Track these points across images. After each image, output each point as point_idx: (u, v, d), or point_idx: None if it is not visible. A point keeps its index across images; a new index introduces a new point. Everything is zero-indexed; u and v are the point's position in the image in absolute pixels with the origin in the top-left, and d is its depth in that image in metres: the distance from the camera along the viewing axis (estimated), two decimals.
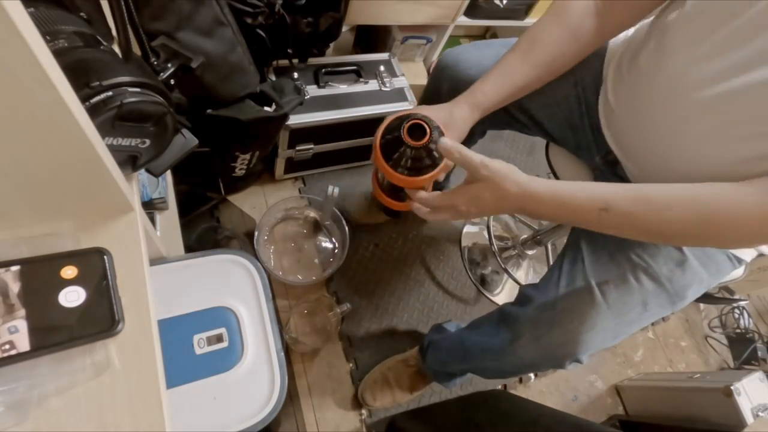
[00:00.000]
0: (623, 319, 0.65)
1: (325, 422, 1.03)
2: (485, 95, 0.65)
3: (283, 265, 1.15)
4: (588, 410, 1.28)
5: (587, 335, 0.64)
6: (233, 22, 0.77)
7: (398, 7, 1.16)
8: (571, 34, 0.64)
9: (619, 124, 0.68)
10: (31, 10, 0.35)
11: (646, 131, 0.64)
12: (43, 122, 0.26)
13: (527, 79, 0.66)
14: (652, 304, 0.65)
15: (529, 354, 0.69)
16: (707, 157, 0.57)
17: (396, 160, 0.58)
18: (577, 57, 0.68)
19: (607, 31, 0.66)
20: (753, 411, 1.05)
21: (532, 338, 0.68)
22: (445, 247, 1.34)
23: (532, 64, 0.65)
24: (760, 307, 1.73)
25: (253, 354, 0.62)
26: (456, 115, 0.64)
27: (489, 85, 0.65)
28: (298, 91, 0.97)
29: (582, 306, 0.65)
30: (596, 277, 0.66)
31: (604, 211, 0.53)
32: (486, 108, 0.66)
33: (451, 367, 0.95)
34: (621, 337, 0.67)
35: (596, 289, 0.64)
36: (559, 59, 0.66)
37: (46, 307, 0.33)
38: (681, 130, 0.58)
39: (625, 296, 0.64)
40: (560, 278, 0.69)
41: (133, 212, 0.40)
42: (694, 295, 0.67)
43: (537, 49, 0.65)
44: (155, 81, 0.37)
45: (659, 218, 0.52)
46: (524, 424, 0.84)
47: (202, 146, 0.48)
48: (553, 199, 0.54)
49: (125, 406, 0.34)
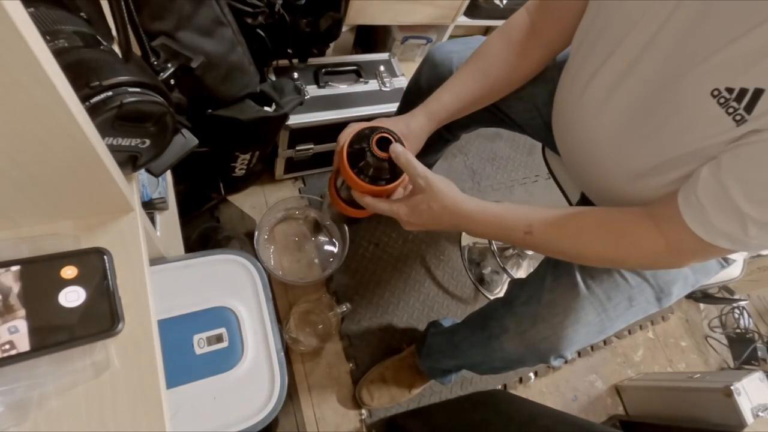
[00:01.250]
0: (608, 314, 0.66)
1: (325, 422, 1.03)
2: (440, 105, 0.68)
3: (283, 265, 1.15)
4: (588, 410, 1.28)
5: (571, 329, 0.65)
6: (233, 22, 0.77)
7: (398, 7, 1.16)
8: (514, 48, 0.68)
9: (559, 139, 0.72)
10: (31, 10, 0.35)
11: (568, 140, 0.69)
12: (43, 122, 0.26)
13: (480, 92, 0.70)
14: (638, 300, 0.66)
15: (514, 348, 0.70)
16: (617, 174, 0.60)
17: (360, 168, 0.60)
18: (527, 68, 0.71)
19: (549, 42, 0.68)
20: (753, 411, 1.05)
21: (517, 332, 0.69)
22: (444, 247, 1.34)
23: (482, 77, 0.69)
24: (760, 307, 1.73)
25: (253, 354, 0.62)
26: (413, 126, 0.67)
27: (443, 97, 0.69)
28: (298, 91, 0.97)
29: (567, 300, 0.66)
30: (582, 272, 0.66)
31: (529, 234, 0.56)
32: (441, 118, 0.69)
33: (443, 362, 0.96)
34: (607, 332, 0.67)
35: (581, 284, 0.65)
36: (509, 72, 0.70)
37: (46, 307, 0.33)
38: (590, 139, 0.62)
39: (610, 291, 0.65)
40: (546, 274, 0.70)
41: (133, 212, 0.40)
42: (680, 292, 0.68)
43: (486, 63, 0.69)
44: (155, 81, 0.37)
45: (575, 245, 0.56)
46: (524, 424, 0.84)
47: (202, 146, 0.48)
48: (483, 219, 0.58)
49: (125, 406, 0.34)
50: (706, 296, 1.62)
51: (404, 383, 1.06)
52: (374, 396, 1.03)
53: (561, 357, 0.68)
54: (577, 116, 0.63)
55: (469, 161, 1.52)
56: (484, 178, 1.50)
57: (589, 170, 0.66)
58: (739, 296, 1.63)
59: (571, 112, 0.65)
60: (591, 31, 0.59)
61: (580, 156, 0.66)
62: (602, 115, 0.58)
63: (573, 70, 0.63)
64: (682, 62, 0.47)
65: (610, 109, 0.57)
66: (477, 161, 1.53)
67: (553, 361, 0.69)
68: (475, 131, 0.96)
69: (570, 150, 0.69)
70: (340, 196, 0.69)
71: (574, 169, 0.71)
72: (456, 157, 1.51)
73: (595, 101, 0.58)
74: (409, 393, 1.06)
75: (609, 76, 0.56)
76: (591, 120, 0.60)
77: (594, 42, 0.57)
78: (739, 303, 1.62)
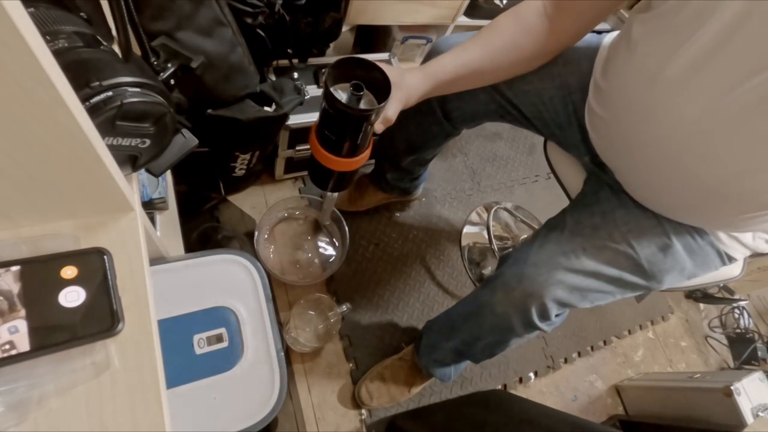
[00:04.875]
0: (593, 284, 0.67)
1: (325, 422, 1.03)
2: (439, 67, 0.67)
3: (283, 265, 1.15)
4: (588, 410, 1.28)
5: (554, 288, 0.66)
6: (233, 22, 0.77)
7: (398, 7, 1.16)
8: (522, 27, 0.67)
9: (603, 130, 0.70)
10: (31, 10, 0.35)
11: (624, 140, 0.64)
12: (43, 122, 0.26)
13: (482, 63, 0.68)
14: (626, 279, 0.67)
15: (503, 309, 0.71)
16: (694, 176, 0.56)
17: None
18: (532, 51, 0.69)
19: (560, 33, 0.68)
20: (753, 411, 1.05)
21: (505, 292, 0.70)
22: (445, 247, 1.34)
23: (486, 49, 0.68)
24: (760, 307, 1.73)
25: (253, 354, 0.62)
26: (407, 78, 0.64)
27: (443, 60, 0.67)
28: (298, 91, 0.97)
29: (552, 261, 0.67)
30: (572, 242, 0.68)
31: None
32: (440, 80, 0.66)
33: (440, 349, 0.96)
34: (590, 300, 0.69)
35: (571, 252, 0.67)
36: (511, 50, 0.68)
37: (46, 307, 0.33)
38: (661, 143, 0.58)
39: (599, 266, 0.66)
40: (536, 239, 0.72)
41: (133, 212, 0.40)
42: (673, 282, 0.68)
43: (492, 36, 0.68)
44: (155, 81, 0.37)
45: None
46: (524, 424, 0.84)
47: (202, 146, 0.48)
48: None
49: (125, 406, 0.34)
50: (706, 296, 1.62)
51: (403, 383, 1.06)
52: (373, 396, 1.03)
53: (545, 318, 0.69)
54: (653, 106, 0.56)
55: (469, 161, 1.52)
56: (484, 178, 1.50)
57: (663, 170, 0.60)
58: (739, 296, 1.63)
59: (641, 102, 0.58)
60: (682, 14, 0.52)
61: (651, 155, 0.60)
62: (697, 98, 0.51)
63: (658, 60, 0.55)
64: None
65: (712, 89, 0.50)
66: (477, 161, 1.53)
67: (537, 319, 0.69)
68: (476, 131, 0.96)
69: (632, 150, 0.63)
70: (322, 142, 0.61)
71: (625, 169, 0.68)
72: (456, 157, 1.51)
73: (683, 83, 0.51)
74: (409, 392, 1.06)
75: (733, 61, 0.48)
76: (677, 108, 0.53)
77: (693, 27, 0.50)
78: (739, 303, 1.62)
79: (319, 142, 0.59)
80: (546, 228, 0.74)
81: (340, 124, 0.55)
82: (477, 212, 1.43)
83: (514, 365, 1.24)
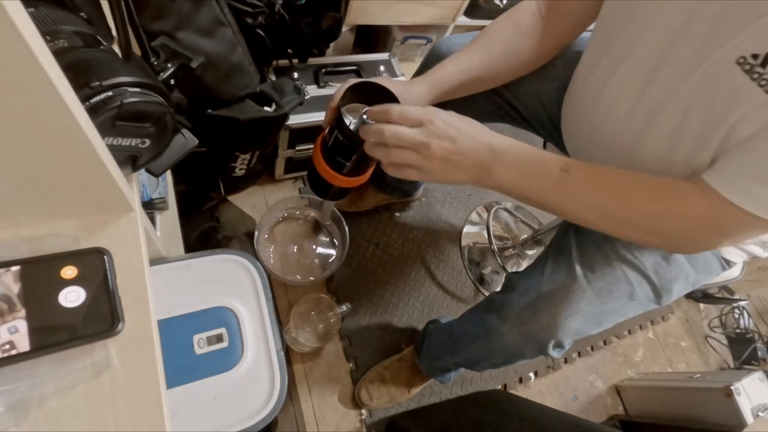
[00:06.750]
0: (607, 306, 0.66)
1: (325, 422, 1.03)
2: (442, 76, 0.67)
3: (283, 265, 1.15)
4: (588, 410, 1.28)
5: (571, 319, 0.65)
6: (233, 22, 0.77)
7: (398, 7, 1.16)
8: (519, 30, 0.68)
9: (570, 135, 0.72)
10: (31, 10, 0.35)
11: (578, 141, 0.69)
12: (43, 122, 0.26)
13: (482, 69, 0.69)
14: (637, 295, 0.66)
15: (514, 340, 0.70)
16: None
17: None
18: (530, 53, 0.70)
19: (555, 33, 0.69)
20: (753, 411, 1.05)
21: (516, 323, 0.69)
22: (445, 247, 1.34)
23: (485, 55, 0.69)
24: (760, 307, 1.73)
25: (253, 354, 0.62)
26: (413, 90, 0.65)
27: (446, 68, 0.68)
28: (298, 91, 0.97)
29: (566, 291, 0.65)
30: (582, 265, 0.66)
31: (566, 173, 0.50)
32: (443, 90, 0.67)
33: (443, 360, 0.95)
34: (605, 325, 0.67)
35: (581, 277, 0.65)
36: (510, 55, 0.69)
37: (46, 307, 0.33)
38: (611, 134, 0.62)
39: (610, 285, 0.65)
40: (546, 266, 0.70)
41: (133, 212, 0.40)
42: (680, 291, 0.68)
43: (491, 41, 0.69)
44: (155, 81, 0.37)
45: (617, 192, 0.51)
46: (524, 424, 0.84)
47: (202, 146, 0.48)
48: (514, 150, 0.51)
49: (125, 406, 0.34)
50: (706, 296, 1.62)
51: (403, 383, 1.06)
52: (373, 396, 1.03)
53: (560, 347, 0.68)
54: (595, 113, 0.63)
55: None
56: None
57: None
58: (739, 296, 1.63)
59: (589, 109, 0.64)
60: (608, 27, 0.59)
61: (595, 152, 0.66)
62: (627, 107, 0.58)
63: (588, 67, 0.63)
64: (710, 46, 0.46)
65: (642, 102, 0.56)
66: None
67: (552, 350, 0.68)
68: None
69: (582, 147, 0.69)
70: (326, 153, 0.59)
71: None
72: None
73: (620, 95, 0.58)
74: (409, 393, 1.06)
75: (634, 70, 0.55)
76: (612, 116, 0.60)
77: (613, 37, 0.58)
78: (739, 303, 1.62)
79: (324, 158, 0.58)
80: (553, 249, 0.73)
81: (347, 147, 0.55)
82: (477, 212, 1.43)
83: (514, 365, 1.24)
